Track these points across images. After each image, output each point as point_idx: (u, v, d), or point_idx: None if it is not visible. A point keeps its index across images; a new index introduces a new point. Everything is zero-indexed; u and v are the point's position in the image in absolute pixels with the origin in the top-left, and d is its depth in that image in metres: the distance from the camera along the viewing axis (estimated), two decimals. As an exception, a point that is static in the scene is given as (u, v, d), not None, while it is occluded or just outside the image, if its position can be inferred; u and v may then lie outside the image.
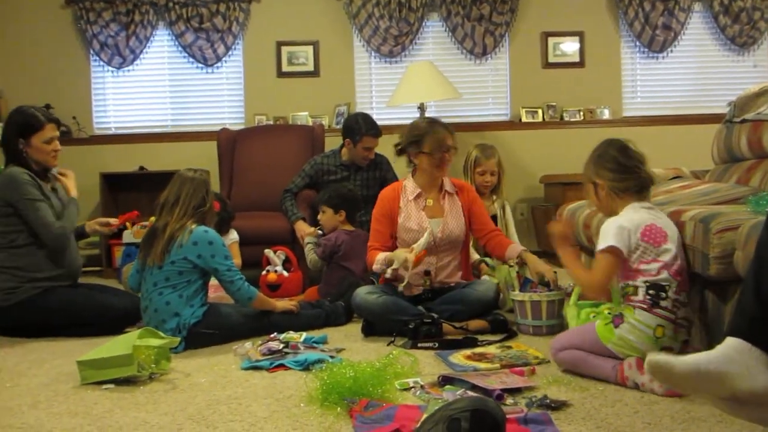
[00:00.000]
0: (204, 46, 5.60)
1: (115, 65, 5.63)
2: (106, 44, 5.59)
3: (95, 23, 5.56)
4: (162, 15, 5.61)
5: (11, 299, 3.02)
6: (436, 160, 3.00)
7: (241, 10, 5.61)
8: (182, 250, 2.73)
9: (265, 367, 2.37)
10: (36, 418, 1.95)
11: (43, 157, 3.14)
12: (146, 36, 5.60)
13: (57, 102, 5.44)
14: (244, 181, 4.95)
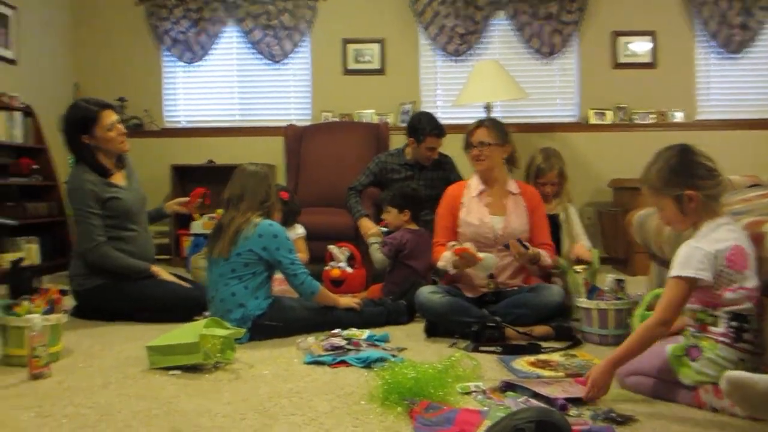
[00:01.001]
0: (272, 42, 5.69)
1: (186, 60, 5.78)
2: (177, 40, 5.74)
3: (167, 19, 5.72)
4: (231, 12, 5.73)
5: (87, 284, 3.15)
6: (469, 156, 3.06)
7: (308, 7, 5.67)
8: (247, 242, 2.78)
9: (327, 363, 2.39)
10: (106, 398, 2.02)
11: (112, 145, 3.22)
12: (215, 32, 5.73)
13: (130, 96, 5.64)
14: (309, 176, 5.00)
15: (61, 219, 4.93)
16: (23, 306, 2.42)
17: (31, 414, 1.87)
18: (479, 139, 3.00)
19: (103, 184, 3.17)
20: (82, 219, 3.12)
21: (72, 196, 3.15)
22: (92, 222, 3.12)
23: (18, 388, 2.12)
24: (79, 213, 3.12)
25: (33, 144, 5.00)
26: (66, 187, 3.19)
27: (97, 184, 3.15)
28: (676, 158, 2.00)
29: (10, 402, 1.98)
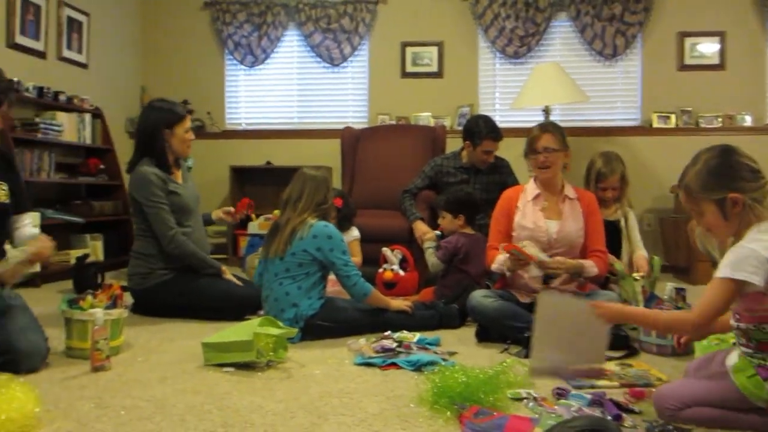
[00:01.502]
0: (331, 46, 5.75)
1: (248, 64, 5.90)
2: (240, 44, 5.87)
3: (230, 24, 5.86)
4: (292, 16, 5.82)
5: (145, 283, 3.24)
6: (531, 161, 2.98)
7: (367, 11, 5.70)
8: (302, 243, 2.81)
9: (377, 365, 2.39)
10: (162, 392, 2.07)
11: (182, 147, 3.37)
12: (277, 36, 5.83)
13: (193, 98, 5.79)
14: (365, 179, 5.03)
15: (124, 217, 5.11)
16: (87, 300, 2.51)
17: (91, 404, 1.94)
18: (545, 145, 2.93)
19: (166, 178, 3.29)
20: (155, 209, 3.21)
21: (141, 187, 3.23)
22: (165, 210, 3.22)
23: (80, 379, 2.20)
24: (151, 204, 3.21)
25: (100, 145, 5.19)
26: (133, 181, 3.29)
27: (161, 177, 3.26)
28: (717, 159, 1.85)
29: (72, 392, 2.05)
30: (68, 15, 5.05)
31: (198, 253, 3.26)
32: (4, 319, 2.28)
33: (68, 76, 5.06)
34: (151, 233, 3.25)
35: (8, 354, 2.20)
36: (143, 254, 3.27)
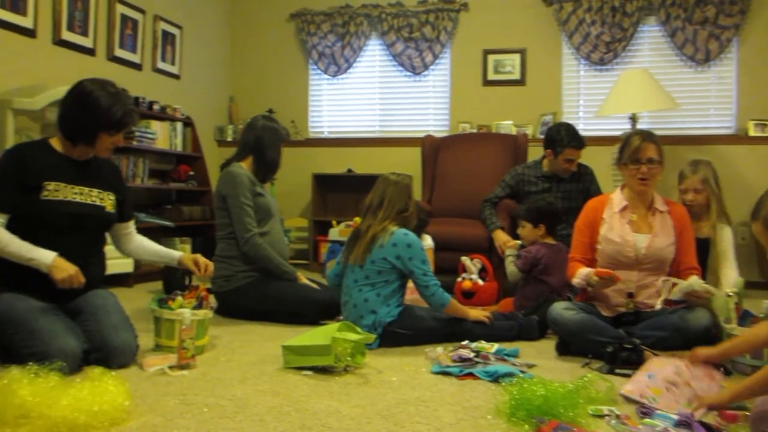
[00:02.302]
0: (413, 54, 5.78)
1: (331, 73, 6.01)
2: (324, 54, 5.99)
3: (315, 34, 5.99)
4: (375, 26, 5.89)
5: (227, 286, 3.34)
6: (631, 171, 2.81)
7: (449, 19, 5.70)
8: (382, 251, 2.82)
9: (454, 374, 2.37)
10: (243, 392, 2.12)
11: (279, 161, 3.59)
12: (360, 46, 5.91)
13: (278, 107, 5.95)
14: (445, 187, 5.01)
15: (211, 222, 5.28)
16: (176, 301, 2.62)
17: (176, 401, 2.01)
18: (650, 156, 2.76)
19: (255, 181, 3.43)
20: (238, 209, 3.32)
21: (231, 184, 3.35)
22: (249, 213, 3.33)
23: (166, 376, 2.28)
24: (236, 202, 3.33)
25: (190, 152, 5.41)
26: (223, 178, 3.42)
27: (251, 179, 3.40)
28: None
29: (159, 388, 2.14)
30: (163, 29, 5.30)
31: (273, 258, 3.34)
32: (99, 316, 2.40)
33: (162, 87, 5.30)
34: (233, 235, 3.36)
35: (102, 350, 2.31)
36: (226, 257, 3.38)
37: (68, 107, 2.44)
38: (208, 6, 5.99)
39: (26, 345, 2.18)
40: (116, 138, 2.46)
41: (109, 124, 2.41)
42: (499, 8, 5.66)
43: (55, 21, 4.21)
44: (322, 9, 5.99)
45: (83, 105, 2.39)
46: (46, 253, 2.30)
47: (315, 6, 6.02)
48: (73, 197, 2.42)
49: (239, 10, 6.31)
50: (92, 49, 4.55)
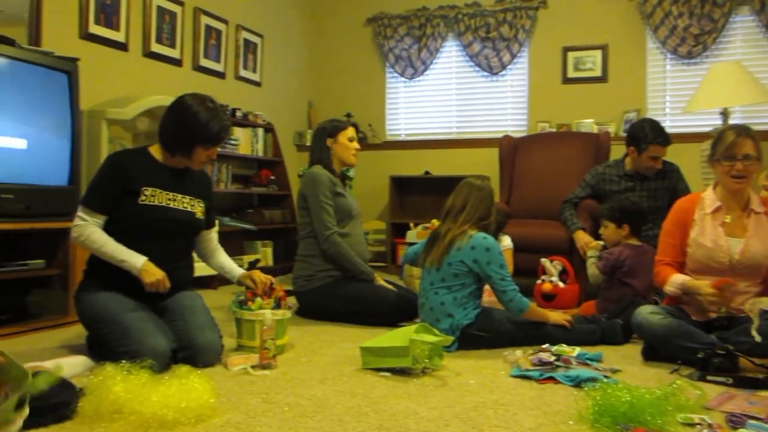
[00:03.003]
0: (490, 54, 5.72)
1: (407, 76, 6.03)
2: (400, 57, 6.02)
3: (391, 38, 6.02)
4: (451, 27, 5.86)
5: (307, 285, 3.41)
6: (724, 169, 2.62)
7: (527, 17, 5.61)
8: (460, 253, 2.80)
9: (534, 378, 2.32)
10: (323, 392, 2.15)
11: (346, 154, 3.56)
12: (436, 48, 5.90)
13: (356, 110, 6.02)
14: (523, 188, 4.93)
15: (291, 226, 5.41)
16: (257, 302, 2.68)
17: (258, 399, 2.07)
18: (746, 152, 2.57)
19: (335, 181, 3.49)
20: (318, 207, 3.39)
21: (312, 184, 3.43)
22: (328, 211, 3.39)
23: (249, 375, 2.34)
24: (317, 201, 3.39)
25: (271, 157, 5.55)
26: (305, 179, 3.50)
27: (331, 179, 3.46)
28: None
29: (242, 387, 2.20)
30: (245, 38, 5.47)
31: (351, 257, 3.37)
32: (187, 316, 2.50)
33: (244, 94, 5.47)
34: (314, 234, 3.42)
35: (188, 349, 2.40)
36: (307, 256, 3.45)
37: (169, 120, 2.56)
38: (289, 14, 6.13)
39: (120, 343, 2.30)
40: (211, 151, 2.57)
41: (205, 138, 2.51)
42: (580, 4, 5.53)
43: (144, 34, 4.42)
44: (398, 12, 6.02)
45: (183, 119, 2.51)
46: (137, 256, 2.41)
47: (391, 9, 6.06)
48: (168, 203, 2.54)
49: (318, 17, 6.43)
50: (179, 59, 4.74)
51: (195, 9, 4.89)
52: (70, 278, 3.15)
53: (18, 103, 3.04)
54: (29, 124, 3.09)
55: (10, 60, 3.00)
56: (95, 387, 1.85)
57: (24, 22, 3.59)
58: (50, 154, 3.19)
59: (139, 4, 4.38)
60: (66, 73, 3.27)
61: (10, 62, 3.00)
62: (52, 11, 3.71)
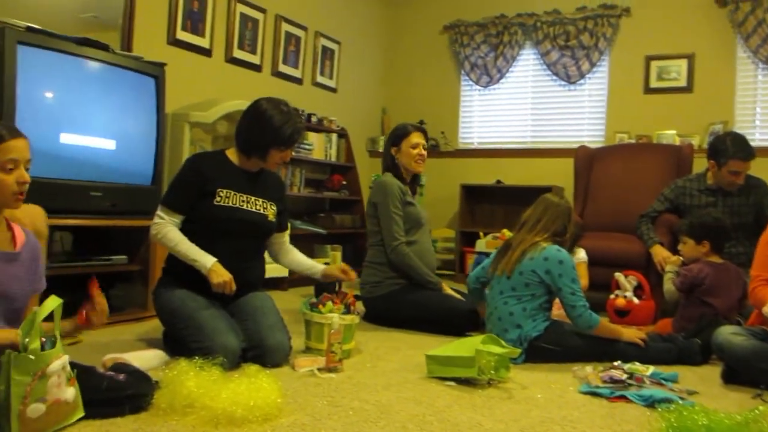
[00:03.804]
0: (568, 63, 5.61)
1: (482, 84, 5.99)
2: (476, 65, 5.98)
3: (468, 45, 6.00)
4: (529, 35, 5.79)
5: (375, 292, 3.43)
6: None
7: (609, 25, 5.47)
8: (532, 263, 2.76)
9: (604, 395, 2.25)
10: (387, 398, 2.16)
11: (408, 161, 3.52)
12: (513, 56, 5.84)
13: (429, 118, 6.01)
14: (599, 200, 4.81)
15: (361, 231, 5.45)
16: (327, 306, 2.72)
17: (324, 402, 2.09)
18: None
19: (405, 190, 3.49)
20: (388, 216, 3.40)
21: (382, 193, 3.44)
22: (397, 221, 3.40)
23: (315, 378, 2.37)
24: (386, 211, 3.40)
25: (344, 162, 5.62)
26: (375, 188, 3.53)
27: (401, 188, 3.47)
28: None
29: (308, 389, 2.23)
30: (323, 44, 5.57)
31: (418, 267, 3.36)
32: (257, 317, 2.56)
33: (319, 100, 5.56)
34: (383, 242, 3.44)
35: (258, 348, 2.46)
36: (375, 263, 3.47)
37: (245, 124, 2.64)
38: (366, 21, 6.21)
39: (193, 340, 2.38)
40: (285, 154, 2.65)
41: (279, 141, 2.59)
42: (665, 12, 5.35)
43: (228, 40, 4.57)
44: (476, 20, 5.99)
45: (258, 122, 2.59)
46: (208, 257, 2.50)
47: (469, 17, 6.03)
48: (241, 205, 2.61)
49: (395, 25, 6.48)
50: (259, 65, 4.88)
51: (276, 16, 5.01)
52: (151, 274, 3.29)
53: (109, 106, 3.20)
54: (118, 126, 3.25)
55: (103, 64, 3.16)
56: (170, 381, 1.92)
57: (117, 28, 3.79)
58: (136, 155, 3.34)
59: (224, 11, 4.53)
60: (154, 77, 3.41)
61: (104, 66, 3.16)
62: (143, 18, 3.89)
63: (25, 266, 1.70)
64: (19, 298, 1.69)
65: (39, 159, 2.81)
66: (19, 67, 2.76)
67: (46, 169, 2.85)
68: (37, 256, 1.75)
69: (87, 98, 3.09)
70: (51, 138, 2.93)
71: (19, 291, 1.67)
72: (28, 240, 1.74)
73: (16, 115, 2.73)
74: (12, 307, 1.68)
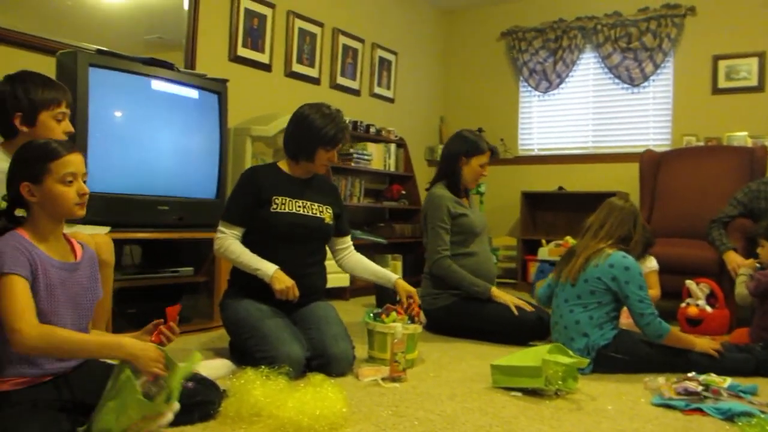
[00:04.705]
0: (631, 65, 5.48)
1: (542, 90, 5.91)
2: (535, 70, 5.91)
3: (526, 51, 5.93)
4: (590, 38, 5.68)
5: (435, 303, 3.40)
6: None
7: (673, 25, 5.32)
8: (597, 270, 2.69)
9: (679, 408, 2.17)
10: (452, 409, 2.13)
11: (473, 177, 3.51)
12: (573, 60, 5.74)
13: (487, 125, 5.97)
14: (666, 205, 4.66)
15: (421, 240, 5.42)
16: (391, 315, 2.72)
17: (389, 412, 2.08)
18: None
19: (456, 201, 3.45)
20: (433, 231, 3.39)
21: (431, 206, 3.43)
22: (441, 235, 3.37)
23: (379, 387, 2.37)
24: (432, 224, 3.40)
25: (402, 172, 5.62)
26: (426, 200, 3.51)
27: (451, 201, 3.43)
28: None
29: (372, 398, 2.23)
30: (380, 55, 5.60)
31: (462, 278, 3.30)
32: (321, 326, 2.58)
33: (377, 110, 5.59)
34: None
35: (322, 357, 2.48)
36: (434, 275, 3.43)
37: (290, 130, 2.74)
38: (422, 31, 6.22)
39: (258, 349, 2.41)
40: (331, 154, 2.70)
41: (324, 141, 2.65)
42: (732, 10, 5.16)
43: (286, 55, 4.65)
44: (533, 25, 5.93)
45: (302, 126, 2.68)
46: (270, 265, 2.54)
47: (526, 23, 5.97)
48: (297, 210, 2.67)
49: (451, 33, 6.47)
50: (317, 78, 4.94)
51: (334, 30, 5.08)
52: (216, 286, 3.36)
53: (175, 122, 3.30)
54: (184, 141, 3.35)
55: (169, 82, 3.26)
56: (237, 389, 1.95)
57: (181, 47, 3.91)
58: (200, 169, 3.43)
59: (283, 27, 4.62)
60: (216, 93, 3.50)
61: (170, 84, 3.26)
62: (205, 36, 4.00)
63: (87, 275, 1.78)
64: (85, 306, 1.76)
65: (109, 175, 2.94)
66: (91, 87, 2.87)
67: (116, 185, 2.96)
68: (95, 264, 1.83)
69: (154, 115, 3.19)
70: (120, 154, 3.04)
71: (84, 299, 1.75)
72: (86, 250, 1.83)
73: (88, 132, 2.85)
74: (80, 315, 1.75)
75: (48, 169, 1.67)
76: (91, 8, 3.46)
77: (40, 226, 1.70)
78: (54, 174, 1.67)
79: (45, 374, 1.68)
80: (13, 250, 1.61)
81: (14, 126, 2.13)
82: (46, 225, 1.71)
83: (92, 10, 3.47)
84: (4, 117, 2.13)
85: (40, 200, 1.68)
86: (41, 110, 2.14)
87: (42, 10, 3.25)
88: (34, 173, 1.67)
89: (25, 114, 2.13)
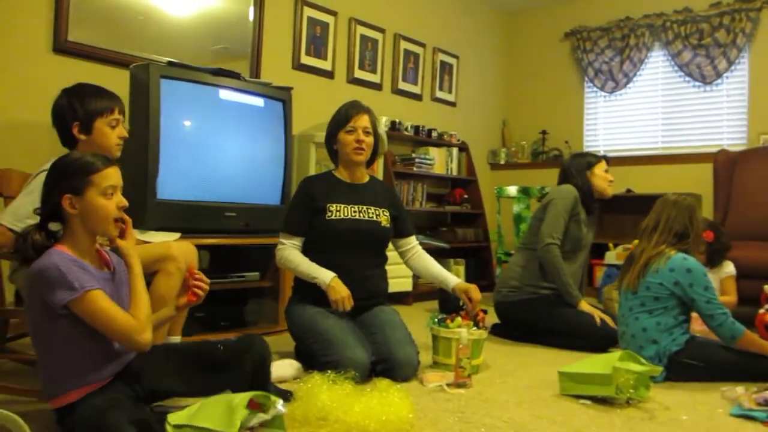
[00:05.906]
0: (703, 63, 5.29)
1: (608, 90, 5.77)
2: (600, 70, 5.78)
3: (591, 51, 5.80)
4: (658, 36, 5.52)
5: (512, 297, 3.38)
6: None
7: (748, 19, 5.11)
8: (658, 276, 2.61)
9: (760, 419, 2.07)
10: (520, 416, 2.10)
11: (603, 183, 3.54)
12: (640, 59, 5.59)
13: (551, 128, 5.88)
14: (743, 207, 4.46)
15: (484, 244, 5.38)
16: (456, 320, 2.70)
17: (455, 418, 2.07)
18: None
19: (578, 205, 3.43)
20: (554, 216, 3.35)
21: (560, 194, 3.42)
22: (560, 223, 3.33)
23: (445, 393, 2.36)
24: (556, 210, 3.36)
25: (465, 176, 5.59)
26: (557, 190, 3.49)
27: (579, 203, 3.42)
28: None
29: (438, 404, 2.22)
30: (441, 59, 5.59)
31: (563, 274, 3.26)
32: (386, 331, 2.58)
33: (439, 114, 5.58)
34: (531, 246, 3.39)
35: (387, 362, 2.48)
36: (519, 266, 3.43)
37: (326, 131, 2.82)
38: (484, 33, 6.17)
39: (323, 354, 2.44)
40: (355, 134, 2.69)
41: (339, 124, 2.72)
42: (811, 1, 4.92)
43: (349, 62, 4.70)
44: (599, 24, 5.80)
45: (329, 123, 2.79)
46: (327, 273, 2.58)
47: (591, 22, 5.85)
48: (353, 215, 2.69)
49: (513, 35, 6.39)
50: (379, 84, 4.97)
51: (395, 35, 5.10)
52: (281, 290, 3.41)
53: (242, 130, 3.37)
54: (250, 149, 3.41)
55: (236, 91, 3.34)
56: (304, 393, 1.97)
57: (246, 57, 4.01)
58: (266, 176, 3.49)
59: (345, 34, 4.67)
60: (281, 101, 3.56)
61: (236, 93, 3.34)
62: (269, 46, 4.09)
63: (121, 284, 1.81)
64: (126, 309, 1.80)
65: (179, 182, 3.03)
66: (163, 98, 2.97)
67: (186, 192, 3.05)
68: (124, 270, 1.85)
69: (222, 124, 3.27)
70: (190, 162, 3.12)
71: (125, 304, 1.77)
72: (112, 257, 1.86)
73: (160, 142, 2.94)
74: None
75: (90, 181, 1.69)
76: (161, 22, 3.59)
77: (79, 240, 1.72)
78: (95, 186, 1.70)
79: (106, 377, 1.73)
80: (72, 265, 1.64)
81: (74, 135, 2.23)
82: (85, 239, 1.73)
83: (162, 23, 3.60)
84: (64, 128, 2.25)
85: (80, 212, 1.69)
86: (96, 118, 2.25)
87: (116, 25, 3.38)
88: (76, 185, 1.69)
89: (82, 123, 2.23)
